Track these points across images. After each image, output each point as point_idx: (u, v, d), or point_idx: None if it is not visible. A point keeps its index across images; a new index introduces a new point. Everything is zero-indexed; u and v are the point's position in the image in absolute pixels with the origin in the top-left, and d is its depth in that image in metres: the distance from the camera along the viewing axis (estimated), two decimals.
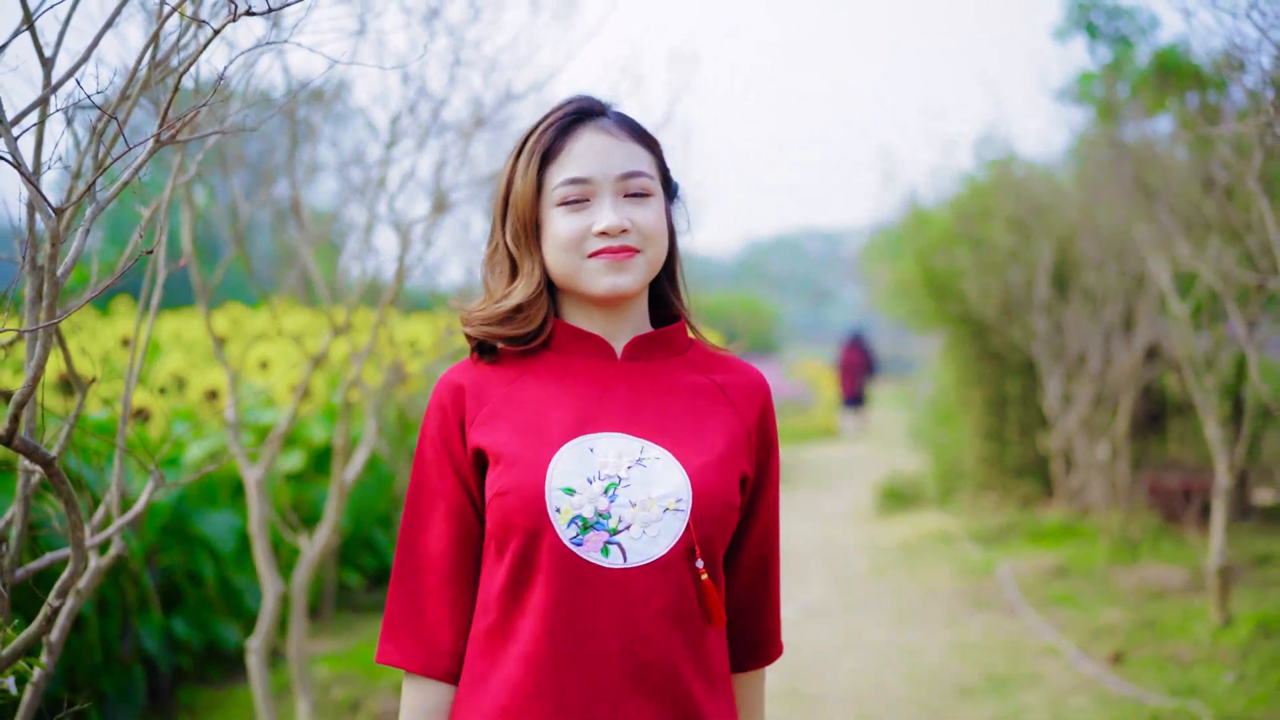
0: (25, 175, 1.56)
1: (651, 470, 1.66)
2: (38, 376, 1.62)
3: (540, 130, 1.72)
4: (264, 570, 3.65)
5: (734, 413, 1.76)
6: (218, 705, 5.05)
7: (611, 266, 1.67)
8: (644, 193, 1.71)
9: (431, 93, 3.75)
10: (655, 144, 1.78)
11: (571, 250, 1.67)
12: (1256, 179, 4.08)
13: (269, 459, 3.57)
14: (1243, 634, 5.59)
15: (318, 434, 6.58)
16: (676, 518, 1.65)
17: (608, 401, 1.71)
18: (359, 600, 6.86)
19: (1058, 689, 5.18)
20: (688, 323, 1.81)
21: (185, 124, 1.63)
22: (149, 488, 2.03)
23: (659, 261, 1.73)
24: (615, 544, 1.64)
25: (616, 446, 1.67)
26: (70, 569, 1.80)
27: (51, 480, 1.71)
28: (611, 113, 1.76)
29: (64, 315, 1.68)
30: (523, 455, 1.66)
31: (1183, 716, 4.54)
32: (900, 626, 6.49)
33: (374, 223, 3.97)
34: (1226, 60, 4.09)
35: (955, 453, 10.77)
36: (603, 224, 1.66)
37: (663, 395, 1.74)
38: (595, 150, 1.70)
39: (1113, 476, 8.48)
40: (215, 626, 5.22)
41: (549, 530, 1.63)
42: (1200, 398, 6.10)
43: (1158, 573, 7.09)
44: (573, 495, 1.63)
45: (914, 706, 5.06)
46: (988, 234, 9.32)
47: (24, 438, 1.68)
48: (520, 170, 1.72)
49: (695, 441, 1.71)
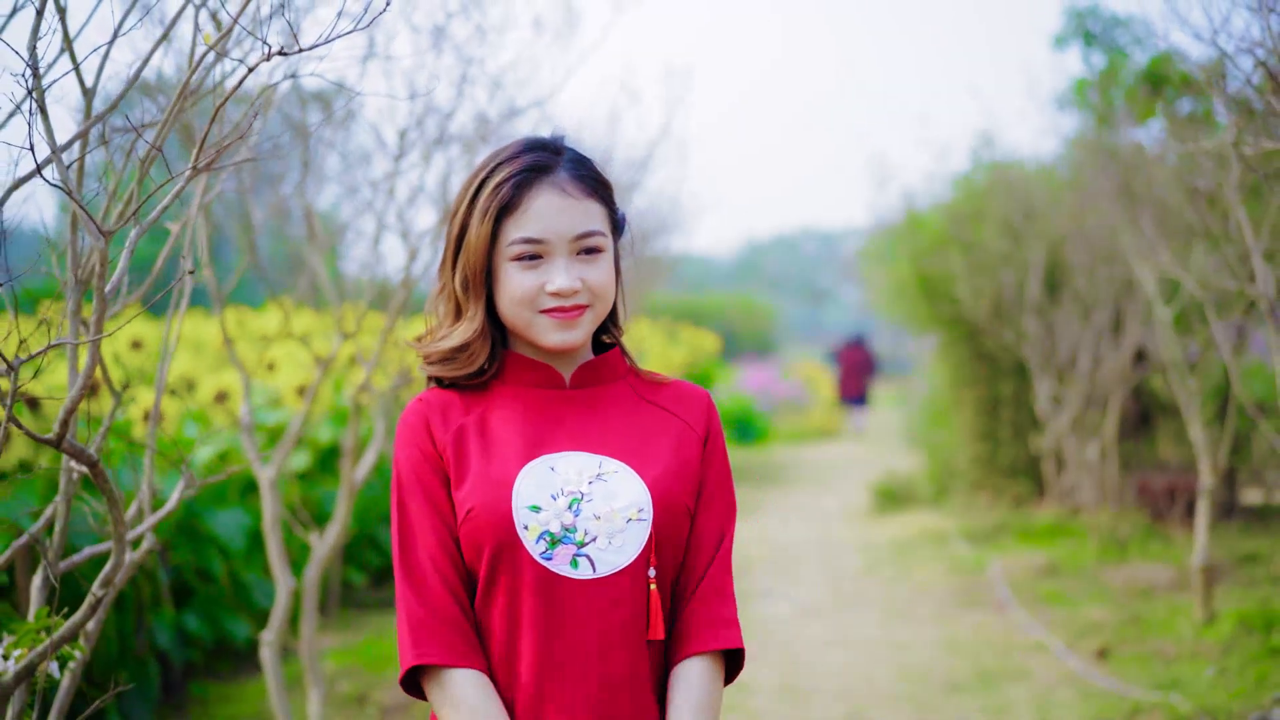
0: (76, 201, 1.70)
1: (612, 484, 1.76)
2: (85, 386, 1.77)
3: (497, 184, 1.76)
4: (277, 566, 3.80)
5: (682, 424, 1.86)
6: (228, 698, 5.20)
7: (562, 325, 1.77)
8: (595, 249, 1.79)
9: (438, 107, 3.90)
10: (607, 189, 1.84)
11: (525, 305, 1.76)
12: (1235, 189, 4.23)
13: (281, 459, 3.72)
14: (1225, 630, 5.74)
15: (324, 435, 6.74)
16: (640, 527, 1.74)
17: (563, 423, 1.81)
18: (363, 598, 7.01)
19: (1044, 683, 5.34)
20: (622, 349, 1.91)
21: (222, 151, 1.78)
22: (180, 486, 2.18)
23: (605, 311, 1.83)
24: (584, 556, 1.72)
25: (576, 464, 1.77)
26: (112, 561, 1.95)
27: (95, 480, 1.86)
28: (565, 164, 1.80)
29: (94, 331, 1.83)
30: (488, 476, 1.75)
31: (1163, 709, 4.69)
32: (891, 623, 6.64)
33: (382, 231, 4.12)
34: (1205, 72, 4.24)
35: (949, 453, 10.93)
36: (555, 285, 1.75)
37: (613, 415, 1.84)
38: (551, 211, 1.76)
39: (1102, 477, 8.63)
40: (225, 622, 5.37)
41: (519, 546, 1.71)
42: (1185, 399, 6.26)
43: (1145, 571, 7.25)
44: (539, 512, 1.72)
45: (903, 701, 5.21)
46: (980, 238, 9.48)
47: (71, 440, 1.83)
48: (475, 220, 1.77)
49: (649, 453, 1.80)
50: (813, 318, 55.01)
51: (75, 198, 1.71)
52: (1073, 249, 8.39)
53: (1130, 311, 8.18)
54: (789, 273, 63.68)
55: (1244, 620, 5.77)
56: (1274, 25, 3.26)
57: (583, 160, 1.83)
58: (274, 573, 3.81)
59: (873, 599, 7.28)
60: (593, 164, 1.84)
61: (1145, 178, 6.36)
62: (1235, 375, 5.20)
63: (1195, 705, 4.67)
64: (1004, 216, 9.23)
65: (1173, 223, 6.25)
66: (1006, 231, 9.22)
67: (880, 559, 8.53)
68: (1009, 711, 4.97)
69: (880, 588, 7.60)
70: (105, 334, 1.79)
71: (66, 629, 1.89)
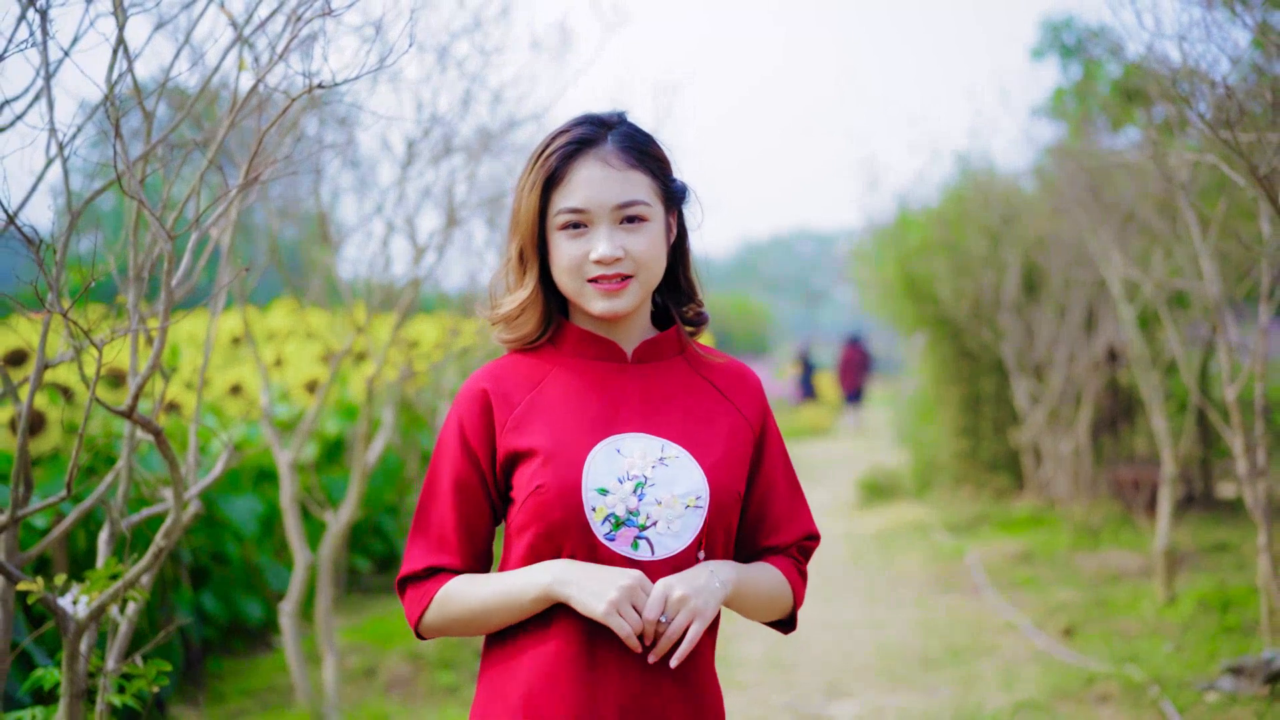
0: (147, 208, 2.04)
1: (672, 469, 1.82)
2: (155, 365, 2.11)
3: (545, 155, 1.84)
4: (295, 542, 4.13)
5: (735, 410, 1.93)
6: (241, 673, 5.52)
7: (607, 293, 1.83)
8: (639, 218, 1.83)
9: (443, 118, 4.23)
10: (656, 161, 1.88)
11: (573, 273, 1.83)
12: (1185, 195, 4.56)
13: (301, 443, 4.05)
14: (1185, 610, 6.07)
15: (331, 428, 7.07)
16: (696, 514, 1.81)
17: (626, 401, 1.87)
18: (368, 583, 7.35)
19: (1011, 659, 5.67)
20: (680, 325, 1.95)
21: (270, 165, 2.12)
22: (223, 457, 2.52)
23: (654, 281, 1.87)
24: (644, 539, 1.79)
25: (640, 446, 1.83)
26: (173, 516, 2.28)
27: (159, 446, 2.19)
28: (613, 137, 1.85)
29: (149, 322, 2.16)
30: (557, 454, 1.80)
31: (1118, 679, 5.02)
32: (871, 606, 6.98)
33: (391, 233, 4.45)
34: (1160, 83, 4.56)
35: (933, 448, 11.28)
36: (597, 253, 1.81)
37: (672, 395, 1.90)
38: (594, 181, 1.81)
39: (1076, 470, 8.98)
40: (239, 602, 5.70)
41: (586, 527, 1.78)
42: (1148, 394, 6.60)
43: (1116, 558, 7.59)
44: (606, 495, 1.78)
45: (879, 674, 5.55)
46: (962, 241, 9.83)
47: (139, 413, 2.17)
48: (526, 192, 1.85)
49: (706, 439, 1.87)
50: (808, 318, 55.42)
51: (146, 205, 2.04)
52: (1048, 252, 8.74)
53: (1102, 311, 8.52)
54: (785, 274, 64.08)
55: (1203, 601, 6.10)
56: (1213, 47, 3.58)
57: (632, 134, 1.87)
58: (292, 547, 4.14)
59: (856, 585, 7.62)
60: (642, 137, 1.87)
61: (1111, 184, 6.71)
62: (1188, 371, 5.53)
63: (1148, 675, 5.00)
64: (984, 221, 9.59)
65: (1136, 227, 6.60)
66: (986, 235, 9.58)
67: (864, 549, 8.87)
68: (977, 683, 5.31)
69: (863, 575, 7.94)
70: (168, 323, 2.12)
71: (133, 573, 2.22)
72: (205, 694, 5.17)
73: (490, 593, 1.80)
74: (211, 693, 5.26)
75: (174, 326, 2.29)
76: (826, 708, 5.09)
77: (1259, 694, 4.54)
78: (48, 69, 2.29)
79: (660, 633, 1.75)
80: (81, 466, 3.94)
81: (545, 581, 1.76)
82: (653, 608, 1.73)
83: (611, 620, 1.71)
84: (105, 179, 2.57)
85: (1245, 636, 5.46)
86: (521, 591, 1.78)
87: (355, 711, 4.80)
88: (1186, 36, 3.26)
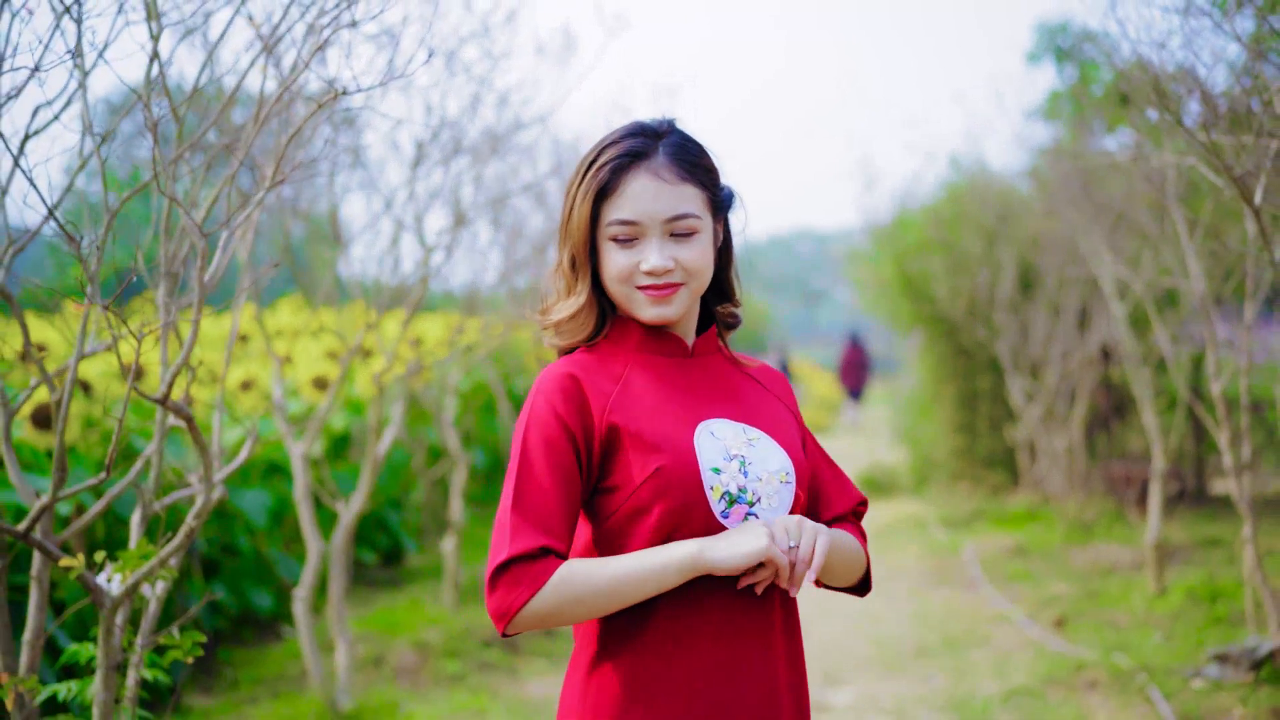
0: (184, 210, 2.17)
1: (760, 448, 1.89)
2: (188, 355, 2.24)
3: (598, 167, 1.86)
4: (308, 530, 4.27)
5: (778, 400, 2.02)
6: (252, 662, 5.66)
7: (656, 300, 1.88)
8: (689, 231, 1.87)
9: (451, 121, 4.37)
10: (706, 172, 1.92)
11: (624, 282, 1.88)
12: (1173, 196, 4.69)
13: (314, 435, 4.18)
14: (1175, 602, 6.21)
15: (337, 423, 7.21)
16: (788, 489, 1.89)
17: (700, 390, 1.93)
18: (373, 576, 7.48)
19: (1004, 648, 5.81)
20: (719, 327, 2.03)
21: (295, 169, 2.25)
22: (248, 443, 2.65)
23: (701, 288, 1.92)
24: (753, 514, 1.85)
25: (729, 430, 1.88)
26: (202, 498, 2.42)
27: (191, 431, 2.33)
28: (664, 148, 1.88)
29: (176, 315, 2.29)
30: (668, 439, 1.84)
31: (1104, 665, 5.16)
32: (868, 599, 7.11)
33: (400, 232, 4.59)
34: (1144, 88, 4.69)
35: (930, 445, 11.43)
36: (649, 264, 1.86)
37: (735, 385, 1.98)
38: (646, 194, 1.85)
39: (1070, 466, 9.12)
40: (249, 593, 5.83)
41: (704, 505, 1.82)
42: (1139, 390, 6.74)
43: (1109, 552, 7.73)
44: (719, 474, 1.83)
45: (875, 664, 5.69)
46: (959, 240, 9.97)
47: (173, 400, 2.30)
48: (578, 201, 1.88)
49: (774, 422, 1.95)
50: (807, 318, 55.58)
51: (182, 207, 2.17)
52: (1042, 251, 8.87)
53: (1096, 310, 8.66)
54: (784, 274, 64.25)
55: (1192, 593, 6.24)
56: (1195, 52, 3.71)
57: (683, 145, 1.90)
58: (305, 535, 4.27)
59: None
60: (693, 149, 1.91)
61: (1103, 185, 6.84)
62: (1177, 369, 5.66)
63: (1136, 663, 5.14)
64: (980, 221, 9.73)
65: (1127, 227, 6.73)
66: (982, 235, 9.72)
67: None
68: (969, 672, 5.44)
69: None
70: (200, 316, 2.25)
71: (166, 551, 2.36)
72: (218, 681, 5.31)
73: (623, 570, 1.79)
74: (224, 680, 5.40)
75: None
76: (823, 695, 5.23)
77: (1244, 680, 4.68)
78: (84, 75, 2.43)
79: (793, 560, 1.79)
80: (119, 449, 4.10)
81: (690, 550, 1.77)
82: (784, 538, 1.78)
83: (773, 551, 1.75)
84: (115, 180, 2.70)
85: (1233, 627, 5.60)
86: (664, 565, 1.78)
87: (365, 697, 4.94)
88: (1166, 44, 3.39)
